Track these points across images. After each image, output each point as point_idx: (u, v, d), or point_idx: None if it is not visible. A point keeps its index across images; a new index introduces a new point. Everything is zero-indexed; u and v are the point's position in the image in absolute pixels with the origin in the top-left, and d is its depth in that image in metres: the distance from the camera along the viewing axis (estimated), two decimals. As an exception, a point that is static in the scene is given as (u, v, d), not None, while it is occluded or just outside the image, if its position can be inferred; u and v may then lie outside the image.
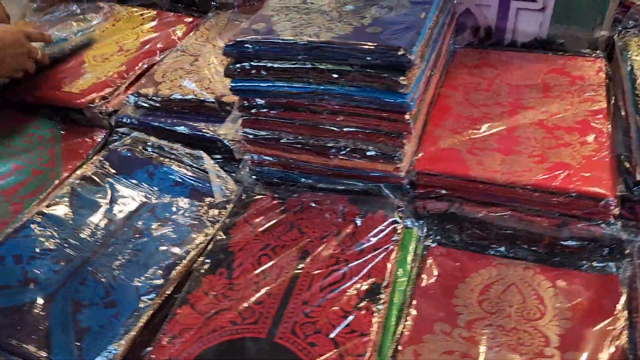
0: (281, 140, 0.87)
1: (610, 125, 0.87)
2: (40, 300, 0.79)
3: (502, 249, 0.82)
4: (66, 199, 0.94)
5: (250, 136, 0.89)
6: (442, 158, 0.85)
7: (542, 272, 0.78)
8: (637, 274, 0.73)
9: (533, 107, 0.93)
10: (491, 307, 0.76)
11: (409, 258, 0.82)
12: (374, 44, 0.73)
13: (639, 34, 0.99)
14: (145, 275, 0.81)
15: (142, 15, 1.34)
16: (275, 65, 0.79)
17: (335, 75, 0.77)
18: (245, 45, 0.79)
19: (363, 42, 0.73)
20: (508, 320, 0.73)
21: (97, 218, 0.91)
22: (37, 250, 0.86)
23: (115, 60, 1.18)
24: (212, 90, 1.03)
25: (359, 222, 0.85)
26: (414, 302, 0.78)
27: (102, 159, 1.01)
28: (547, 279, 0.78)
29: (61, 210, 0.92)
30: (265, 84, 0.82)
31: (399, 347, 0.73)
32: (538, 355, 0.69)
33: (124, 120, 1.06)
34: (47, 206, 0.92)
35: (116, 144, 1.04)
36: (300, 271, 0.80)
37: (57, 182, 0.99)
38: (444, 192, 0.85)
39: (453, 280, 0.80)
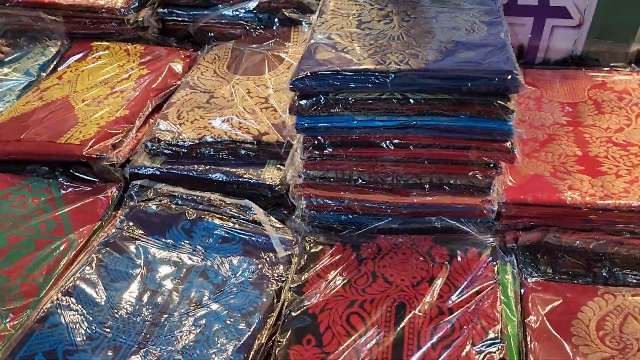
0: (356, 182, 0.77)
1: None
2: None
3: (605, 276, 0.77)
4: (92, 273, 0.78)
5: (316, 180, 0.78)
6: (530, 186, 0.79)
7: (654, 297, 0.74)
8: None
9: (593, 125, 0.90)
10: (616, 342, 0.70)
11: (511, 298, 0.75)
12: (480, 69, 0.66)
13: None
14: (222, 358, 0.68)
15: (127, 51, 1.19)
16: (357, 98, 0.70)
17: (427, 106, 0.69)
18: (322, 77, 0.69)
19: (465, 68, 0.66)
20: (641, 356, 0.68)
21: (137, 291, 0.76)
22: (74, 341, 0.69)
23: (113, 103, 1.03)
24: (246, 129, 0.91)
25: (452, 263, 0.76)
26: (532, 346, 0.70)
27: (123, 218, 0.85)
28: (661, 304, 0.73)
29: (90, 287, 0.76)
30: (341, 120, 0.72)
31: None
32: (689, 392, 0.64)
33: (141, 171, 0.91)
34: (71, 284, 0.76)
35: (136, 199, 0.89)
36: (403, 329, 0.70)
37: (73, 253, 0.82)
38: (533, 221, 0.79)
39: (564, 317, 0.73)
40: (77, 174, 0.93)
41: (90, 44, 1.23)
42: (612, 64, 1.02)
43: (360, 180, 0.78)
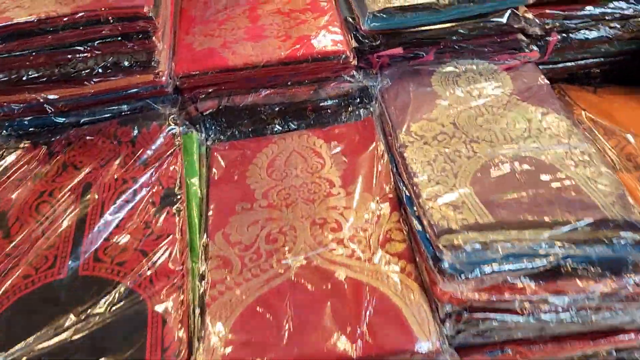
0: (23, 78, 0.79)
1: (333, 1, 0.98)
2: None
3: (277, 126, 0.89)
4: None
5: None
6: (200, 58, 0.87)
7: (314, 134, 0.87)
8: (383, 110, 0.86)
9: (270, 2, 1.00)
10: (280, 175, 0.82)
11: (195, 160, 0.84)
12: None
13: None
14: None
15: None
16: None
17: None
18: None
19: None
20: (297, 179, 0.80)
21: None
22: None
23: None
24: None
25: (136, 139, 0.82)
26: (211, 194, 0.80)
27: None
28: (319, 137, 0.87)
29: None
30: None
31: (208, 239, 0.75)
32: (328, 195, 0.77)
33: None
34: None
35: None
36: (87, 205, 0.75)
37: None
38: (210, 89, 0.87)
39: (242, 166, 0.84)
40: None
41: None
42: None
43: (29, 76, 0.79)
